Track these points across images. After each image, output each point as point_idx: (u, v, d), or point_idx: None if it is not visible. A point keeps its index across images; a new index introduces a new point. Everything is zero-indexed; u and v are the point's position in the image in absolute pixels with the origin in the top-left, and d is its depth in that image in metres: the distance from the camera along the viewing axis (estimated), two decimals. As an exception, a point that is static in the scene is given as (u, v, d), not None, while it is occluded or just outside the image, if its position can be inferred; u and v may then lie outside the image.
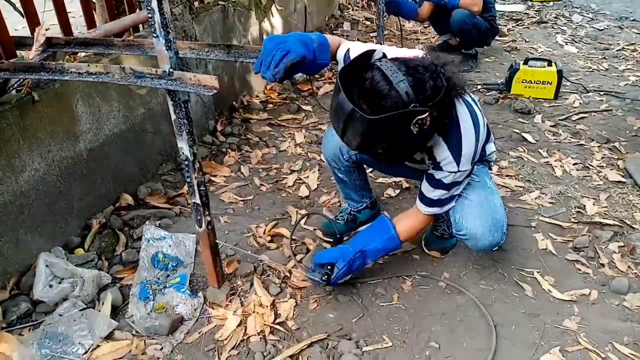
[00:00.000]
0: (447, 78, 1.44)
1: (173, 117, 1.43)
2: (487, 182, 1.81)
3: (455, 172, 1.61)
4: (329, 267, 1.76)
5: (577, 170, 2.63)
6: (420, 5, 4.14)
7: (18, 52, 1.86)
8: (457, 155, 1.57)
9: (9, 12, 1.90)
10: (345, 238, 2.06)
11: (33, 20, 1.93)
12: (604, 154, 2.77)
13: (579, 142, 2.92)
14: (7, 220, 1.75)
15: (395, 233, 1.78)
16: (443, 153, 1.59)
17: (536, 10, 5.74)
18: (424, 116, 1.35)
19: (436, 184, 1.67)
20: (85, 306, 1.75)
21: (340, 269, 1.74)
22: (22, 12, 1.93)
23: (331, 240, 2.10)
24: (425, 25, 5.08)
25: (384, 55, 1.44)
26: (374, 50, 1.45)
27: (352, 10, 5.68)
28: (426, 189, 1.72)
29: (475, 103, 1.66)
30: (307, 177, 2.62)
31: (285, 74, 1.40)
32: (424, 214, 1.79)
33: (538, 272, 1.95)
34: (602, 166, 2.66)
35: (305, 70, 1.50)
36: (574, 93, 3.55)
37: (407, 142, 1.46)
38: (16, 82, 1.76)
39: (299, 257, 2.04)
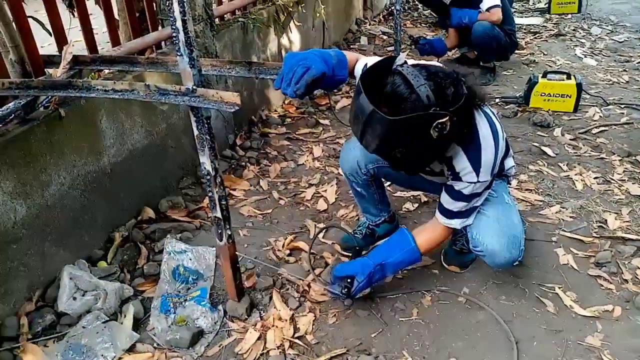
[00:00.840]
0: (468, 87, 1.45)
1: (195, 132, 1.46)
2: (505, 198, 1.80)
3: (474, 183, 1.59)
4: (348, 281, 1.76)
5: (598, 184, 2.60)
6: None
7: (46, 70, 1.92)
8: (476, 165, 1.56)
9: (36, 29, 1.96)
10: (363, 252, 2.06)
11: (60, 38, 1.99)
12: (626, 168, 2.73)
13: (599, 155, 2.89)
14: (34, 233, 1.80)
15: (415, 246, 1.77)
16: (462, 163, 1.58)
17: (554, 23, 5.71)
18: (444, 120, 1.35)
19: (456, 195, 1.66)
20: (108, 318, 1.78)
21: (360, 282, 1.74)
22: (51, 31, 1.99)
23: (350, 254, 2.11)
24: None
25: (406, 62, 1.45)
26: (395, 57, 1.46)
27: (369, 24, 5.72)
28: (446, 200, 1.71)
29: (495, 115, 1.66)
30: (325, 190, 2.64)
31: (306, 90, 1.43)
32: (443, 227, 1.78)
33: (559, 288, 1.93)
34: (624, 180, 2.62)
35: (324, 86, 1.52)
36: (593, 106, 3.52)
37: (426, 148, 1.45)
38: (44, 99, 1.81)
39: (317, 270, 2.04)
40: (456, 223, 1.74)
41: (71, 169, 1.94)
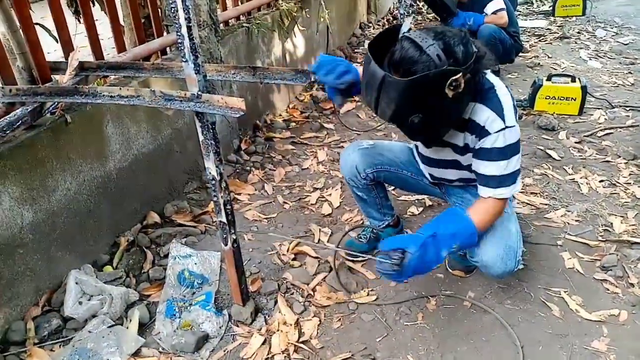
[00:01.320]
0: (478, 47, 1.44)
1: (201, 138, 1.47)
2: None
3: (503, 129, 1.51)
4: (399, 253, 1.48)
5: (604, 187, 2.59)
6: None
7: (53, 77, 1.94)
8: (499, 109, 1.52)
9: (42, 35, 1.98)
10: (375, 251, 2.04)
11: (67, 45, 2.00)
12: (631, 171, 2.72)
13: (605, 158, 2.88)
14: (40, 238, 1.81)
15: (468, 217, 1.57)
16: (484, 113, 1.53)
17: (559, 26, 5.71)
18: (457, 77, 1.33)
19: (491, 154, 1.55)
20: (114, 323, 1.79)
21: (413, 254, 1.46)
22: (57, 38, 2.01)
23: (353, 259, 2.11)
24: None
25: (411, 28, 1.45)
26: (400, 25, 1.45)
27: (373, 28, 5.73)
28: (483, 167, 1.58)
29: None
30: (330, 194, 2.64)
31: (346, 89, 1.49)
32: (493, 200, 1.59)
33: (565, 292, 1.92)
34: (630, 183, 2.61)
35: (354, 93, 1.59)
36: (599, 109, 3.51)
37: (443, 109, 1.42)
38: (51, 105, 1.83)
39: (322, 275, 2.05)
40: (505, 191, 1.57)
41: (77, 174, 1.95)
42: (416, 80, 1.32)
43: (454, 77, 1.33)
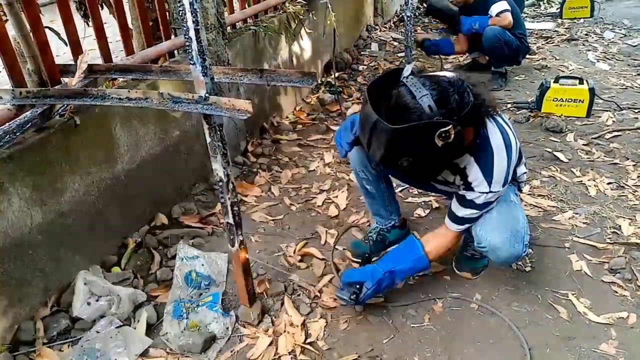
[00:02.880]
0: (476, 95, 1.46)
1: (208, 140, 1.48)
2: (510, 196, 1.80)
3: (486, 193, 1.62)
4: (357, 287, 1.77)
5: (612, 189, 2.58)
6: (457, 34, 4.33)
7: (62, 79, 1.96)
8: (488, 176, 1.58)
9: (51, 38, 2.00)
10: (374, 258, 2.06)
11: (76, 48, 2.02)
12: (640, 173, 2.71)
13: (613, 160, 2.86)
14: (49, 239, 1.83)
15: (423, 253, 1.79)
16: (474, 174, 1.61)
17: (566, 28, 5.69)
18: (447, 128, 1.38)
19: (468, 204, 1.69)
20: (122, 323, 1.80)
21: (369, 289, 1.75)
22: (66, 41, 2.03)
23: (359, 260, 2.11)
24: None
25: (413, 72, 1.48)
26: (402, 68, 1.50)
27: (380, 31, 5.74)
28: (457, 208, 1.73)
29: (508, 124, 1.67)
30: (337, 196, 2.65)
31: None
32: (454, 232, 1.80)
33: (573, 294, 1.91)
34: (638, 185, 2.59)
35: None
36: (607, 111, 3.49)
37: (432, 157, 1.47)
38: (60, 107, 1.85)
39: (329, 276, 2.05)
40: (465, 228, 1.77)
41: (86, 176, 1.97)
42: (405, 128, 1.39)
43: (443, 129, 1.38)
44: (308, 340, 1.76)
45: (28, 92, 1.69)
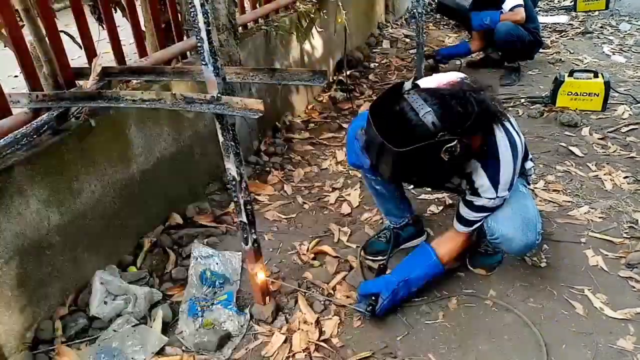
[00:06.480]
0: (480, 102, 1.47)
1: (221, 139, 1.49)
2: (519, 187, 1.81)
3: (494, 199, 1.64)
4: (373, 298, 1.79)
5: (628, 183, 2.55)
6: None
7: (77, 82, 1.98)
8: (495, 182, 1.61)
9: (66, 41, 2.03)
10: (387, 271, 2.03)
11: (90, 51, 2.05)
12: (657, 167, 2.67)
13: (629, 154, 2.82)
14: (67, 240, 1.86)
15: (437, 259, 1.81)
16: (481, 180, 1.62)
17: (580, 21, 5.61)
18: (452, 144, 1.40)
19: (476, 208, 1.72)
20: (138, 322, 1.82)
21: (385, 299, 1.77)
22: (81, 45, 2.06)
23: (374, 259, 2.11)
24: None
25: (415, 86, 1.49)
26: (403, 82, 1.51)
27: (391, 28, 5.72)
28: (465, 212, 1.76)
29: (515, 128, 1.68)
30: (349, 194, 2.65)
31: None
32: (464, 234, 1.82)
33: (589, 290, 1.89)
34: (656, 179, 2.56)
35: None
36: (622, 104, 3.44)
37: (440, 170, 1.50)
38: (76, 110, 1.87)
39: (342, 274, 2.06)
40: (475, 228, 1.80)
41: (102, 177, 1.99)
42: (411, 150, 1.39)
43: (448, 145, 1.40)
44: (322, 338, 1.77)
45: (44, 96, 1.72)
